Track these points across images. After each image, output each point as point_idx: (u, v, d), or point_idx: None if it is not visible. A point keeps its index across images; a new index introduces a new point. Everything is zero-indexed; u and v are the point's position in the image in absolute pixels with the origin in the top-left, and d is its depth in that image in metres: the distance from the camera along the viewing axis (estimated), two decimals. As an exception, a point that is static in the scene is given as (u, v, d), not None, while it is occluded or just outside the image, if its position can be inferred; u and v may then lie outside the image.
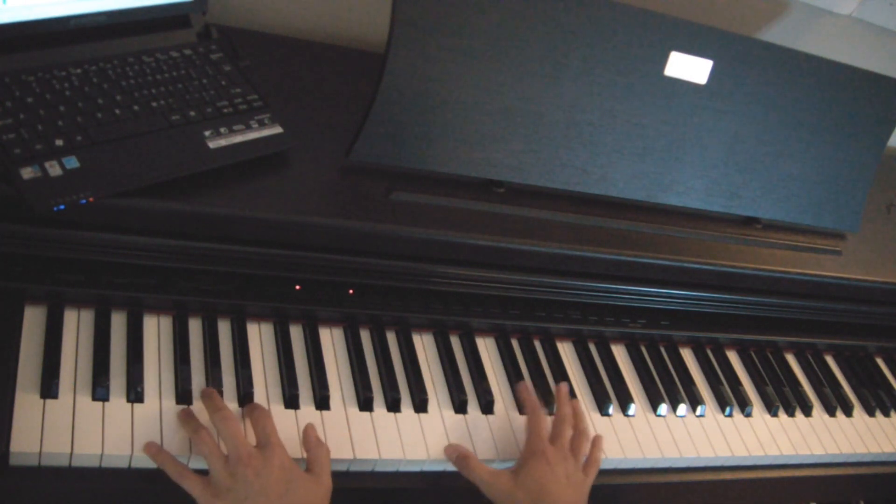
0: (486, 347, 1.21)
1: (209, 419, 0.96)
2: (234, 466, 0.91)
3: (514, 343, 1.23)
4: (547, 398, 1.17)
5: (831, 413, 1.37)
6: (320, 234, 1.04)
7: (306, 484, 0.93)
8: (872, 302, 1.42)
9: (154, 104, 1.03)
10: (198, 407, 0.98)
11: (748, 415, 1.30)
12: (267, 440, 0.94)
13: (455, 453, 1.05)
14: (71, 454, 0.90)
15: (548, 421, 1.11)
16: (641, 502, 1.23)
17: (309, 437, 0.99)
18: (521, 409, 1.15)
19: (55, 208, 0.89)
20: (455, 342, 1.20)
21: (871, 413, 1.41)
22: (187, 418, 0.96)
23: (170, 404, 0.98)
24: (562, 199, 1.21)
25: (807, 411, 1.35)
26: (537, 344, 1.25)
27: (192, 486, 0.91)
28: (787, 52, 1.24)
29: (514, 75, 1.12)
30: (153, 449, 0.93)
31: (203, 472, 0.92)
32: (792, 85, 1.26)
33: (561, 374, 1.21)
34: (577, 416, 1.12)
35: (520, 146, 1.15)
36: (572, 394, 1.19)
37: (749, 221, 1.35)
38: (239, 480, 0.90)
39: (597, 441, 1.13)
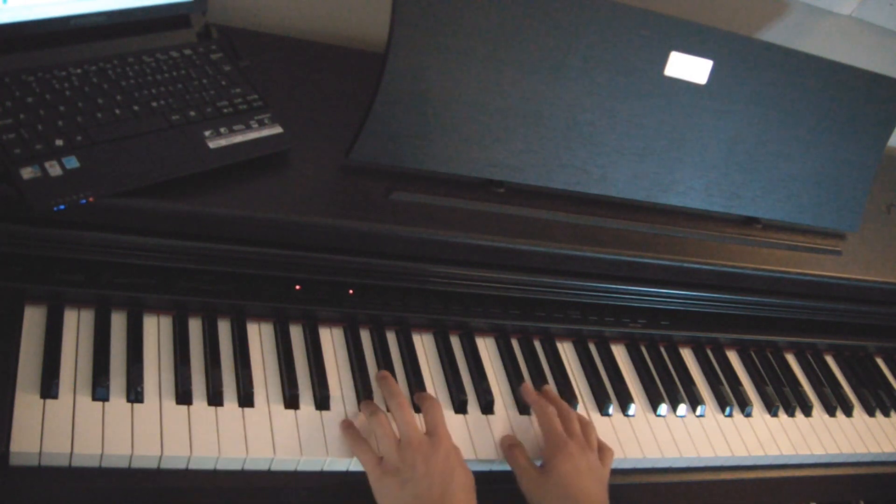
0: (486, 347, 1.21)
1: (366, 417, 1.03)
2: (405, 450, 0.98)
3: (514, 343, 1.23)
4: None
5: (831, 413, 1.37)
6: (320, 234, 1.04)
7: (464, 474, 0.99)
8: (872, 302, 1.42)
9: (154, 104, 1.03)
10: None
11: (748, 415, 1.30)
12: (435, 429, 1.01)
13: (507, 442, 1.10)
14: (71, 454, 0.90)
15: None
16: (641, 502, 1.23)
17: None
18: (521, 410, 1.15)
19: (55, 208, 0.89)
20: (455, 342, 1.20)
21: (871, 413, 1.41)
22: (367, 402, 1.05)
23: (170, 404, 0.98)
24: (562, 199, 1.21)
25: (807, 411, 1.35)
26: (537, 344, 1.25)
27: (366, 458, 0.99)
28: (787, 52, 1.24)
29: (514, 75, 1.12)
30: (345, 423, 1.03)
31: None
32: (792, 85, 1.26)
33: (561, 374, 1.21)
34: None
35: (520, 146, 1.15)
36: (571, 394, 1.20)
37: (749, 221, 1.35)
38: (407, 463, 0.97)
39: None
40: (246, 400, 1.01)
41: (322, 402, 1.05)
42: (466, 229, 1.10)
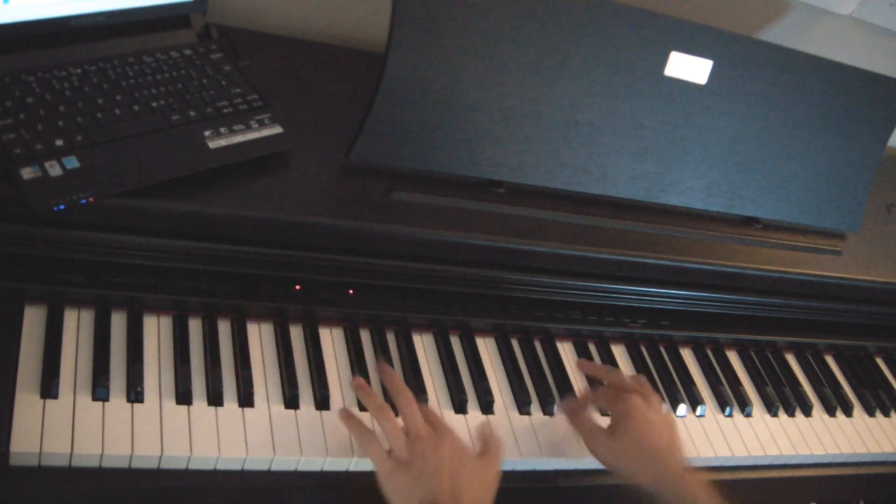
0: (486, 347, 1.21)
1: (374, 408, 1.01)
2: (413, 443, 0.96)
3: (514, 343, 1.23)
4: (547, 398, 1.17)
5: (831, 413, 1.37)
6: (320, 234, 1.04)
7: (478, 466, 0.98)
8: (872, 302, 1.42)
9: (154, 104, 1.03)
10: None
11: (748, 415, 1.30)
12: (439, 424, 1.00)
13: (569, 406, 1.11)
14: (71, 454, 0.90)
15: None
16: (641, 502, 1.22)
17: (484, 427, 1.05)
18: (521, 410, 1.15)
19: (55, 208, 0.89)
20: (455, 342, 1.20)
21: (871, 413, 1.41)
22: (370, 395, 1.02)
23: (170, 404, 0.98)
24: (562, 199, 1.21)
25: (807, 411, 1.35)
26: (537, 344, 1.24)
27: (375, 453, 0.97)
28: (787, 52, 1.24)
29: (514, 75, 1.12)
30: (345, 414, 1.01)
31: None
32: (792, 85, 1.26)
33: (561, 374, 1.21)
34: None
35: (520, 146, 1.15)
36: (571, 393, 1.20)
37: (749, 221, 1.35)
38: (417, 455, 0.95)
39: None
40: (246, 400, 1.01)
41: (322, 402, 1.05)
42: (466, 229, 1.10)
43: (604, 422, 1.11)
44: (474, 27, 1.08)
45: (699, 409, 1.26)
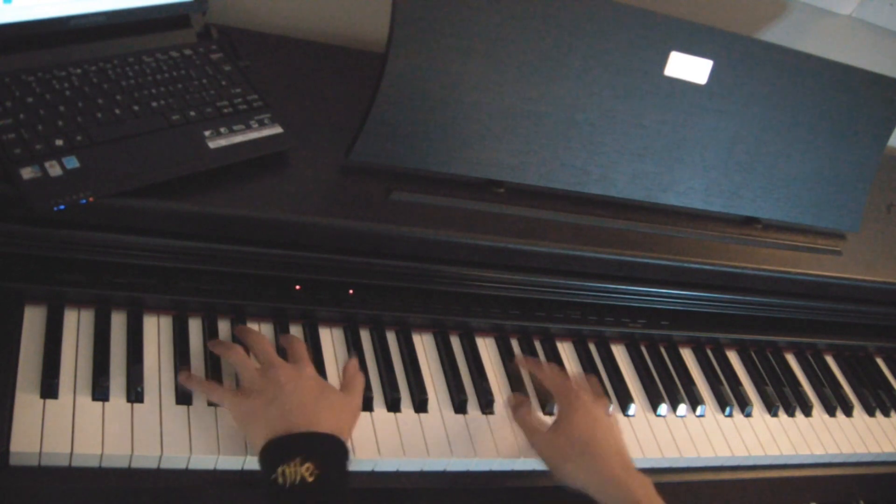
0: (486, 347, 1.21)
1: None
2: (266, 371, 0.95)
3: (514, 343, 1.23)
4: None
5: (831, 413, 1.37)
6: (320, 234, 1.04)
7: (338, 397, 0.97)
8: (872, 302, 1.42)
9: (154, 104, 1.03)
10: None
11: (748, 415, 1.30)
12: (301, 357, 0.99)
13: (513, 401, 1.10)
14: (71, 454, 0.90)
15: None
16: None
17: (350, 364, 1.04)
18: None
19: (55, 208, 0.89)
20: (455, 342, 1.20)
21: (871, 413, 1.41)
22: (218, 341, 1.01)
23: (170, 404, 0.98)
24: (562, 199, 1.21)
25: (807, 411, 1.35)
26: (537, 344, 1.24)
27: (221, 396, 0.95)
28: (787, 52, 1.24)
29: (514, 75, 1.12)
30: (184, 376, 0.98)
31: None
32: (792, 85, 1.26)
33: (561, 374, 1.21)
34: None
35: (520, 146, 1.15)
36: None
37: (749, 221, 1.35)
38: (271, 382, 0.93)
39: None
40: (246, 400, 1.01)
41: (322, 402, 1.05)
42: (466, 229, 1.10)
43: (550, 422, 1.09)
44: (474, 27, 1.08)
45: (699, 409, 1.26)
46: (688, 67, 1.20)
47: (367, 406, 1.07)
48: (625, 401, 1.22)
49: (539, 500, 1.15)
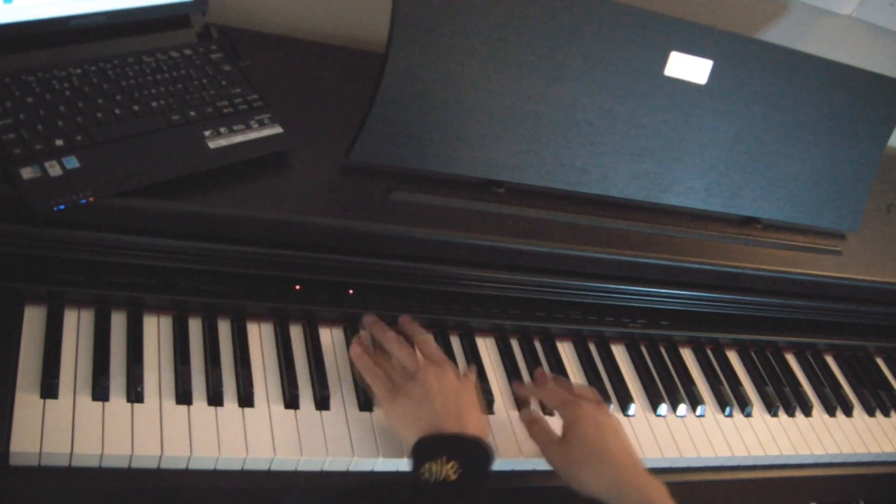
0: (486, 347, 1.21)
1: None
2: (415, 373, 1.01)
3: (514, 343, 1.23)
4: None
5: (831, 413, 1.37)
6: (320, 234, 1.04)
7: (475, 399, 1.03)
8: (872, 302, 1.42)
9: (154, 104, 1.03)
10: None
11: (748, 415, 1.30)
12: (440, 358, 1.05)
13: (526, 418, 1.11)
14: (71, 454, 0.90)
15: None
16: (641, 502, 1.22)
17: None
18: (521, 409, 1.15)
19: (55, 208, 0.89)
20: (455, 342, 1.20)
21: (871, 413, 1.41)
22: (383, 328, 1.08)
23: (170, 404, 0.98)
24: (562, 199, 1.21)
25: (807, 411, 1.35)
26: (537, 344, 1.25)
27: (379, 383, 1.03)
28: (787, 52, 1.24)
29: (514, 75, 1.12)
30: (356, 350, 1.07)
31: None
32: (792, 85, 1.26)
33: (561, 374, 1.21)
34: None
35: (520, 146, 1.15)
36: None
37: (749, 221, 1.35)
38: (419, 382, 1.00)
39: None
40: (246, 400, 1.01)
41: (322, 402, 1.05)
42: (466, 229, 1.10)
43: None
44: (474, 27, 1.08)
45: (699, 409, 1.26)
46: (688, 67, 1.20)
47: (367, 406, 1.07)
48: (625, 401, 1.22)
49: (539, 500, 1.15)
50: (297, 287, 1.10)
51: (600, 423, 1.05)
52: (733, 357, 1.39)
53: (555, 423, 1.09)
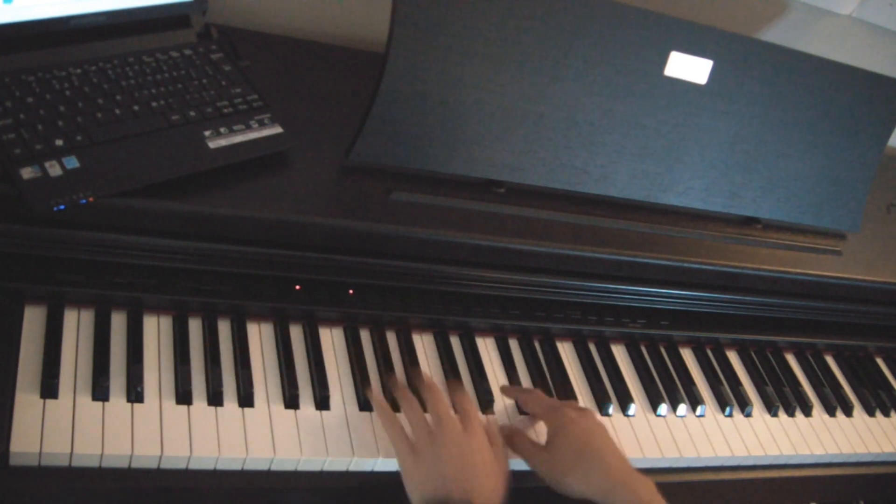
0: (486, 347, 1.21)
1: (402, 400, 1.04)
2: (437, 431, 0.97)
3: (514, 343, 1.23)
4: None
5: (831, 413, 1.37)
6: (320, 234, 1.04)
7: (495, 462, 0.98)
8: (872, 302, 1.42)
9: (154, 104, 1.03)
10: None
11: (748, 415, 1.30)
12: (468, 415, 1.01)
13: (506, 432, 1.09)
14: (71, 454, 0.90)
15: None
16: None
17: (463, 399, 1.05)
18: (520, 409, 1.15)
19: (55, 208, 0.89)
20: (455, 342, 1.20)
21: (871, 413, 1.41)
22: (401, 389, 1.05)
23: (170, 404, 0.98)
24: (562, 199, 1.21)
25: (807, 411, 1.35)
26: (537, 344, 1.24)
27: (398, 438, 0.99)
28: (787, 52, 1.24)
29: (514, 75, 1.12)
30: (377, 399, 1.04)
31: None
32: (792, 85, 1.26)
33: (561, 374, 1.21)
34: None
35: (520, 146, 1.15)
36: (571, 394, 1.20)
37: (749, 221, 1.35)
38: (436, 443, 0.96)
39: None
40: (246, 400, 1.01)
41: (322, 402, 1.05)
42: (466, 229, 1.10)
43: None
44: (474, 27, 1.08)
45: (699, 409, 1.26)
46: (688, 67, 1.20)
47: (367, 406, 1.07)
48: (625, 401, 1.22)
49: (540, 500, 1.15)
50: (297, 287, 1.10)
51: (585, 426, 1.05)
52: (733, 357, 1.39)
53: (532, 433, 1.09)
